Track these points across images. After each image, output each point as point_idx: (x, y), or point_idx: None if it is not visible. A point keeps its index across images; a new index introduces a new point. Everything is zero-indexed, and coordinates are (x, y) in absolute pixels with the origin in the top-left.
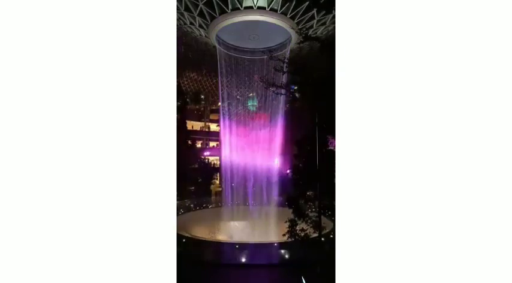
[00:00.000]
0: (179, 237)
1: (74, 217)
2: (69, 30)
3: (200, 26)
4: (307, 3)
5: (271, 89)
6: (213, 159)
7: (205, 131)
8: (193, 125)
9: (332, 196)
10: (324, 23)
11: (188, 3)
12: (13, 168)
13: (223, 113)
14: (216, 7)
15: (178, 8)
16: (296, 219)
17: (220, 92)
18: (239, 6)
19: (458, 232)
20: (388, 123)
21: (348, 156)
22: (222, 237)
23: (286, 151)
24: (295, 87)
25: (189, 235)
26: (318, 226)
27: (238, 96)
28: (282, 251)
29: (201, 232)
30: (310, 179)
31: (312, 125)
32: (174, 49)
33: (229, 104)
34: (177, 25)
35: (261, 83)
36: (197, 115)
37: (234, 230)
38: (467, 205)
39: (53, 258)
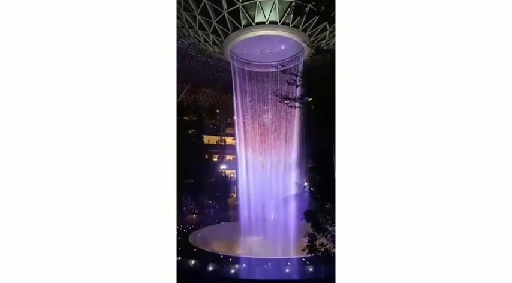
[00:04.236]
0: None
1: (76, 224)
2: (75, 42)
3: (214, 43)
4: (318, 16)
5: (285, 102)
6: (229, 173)
7: (221, 145)
8: (210, 139)
9: None
10: None
11: (202, 22)
12: (14, 170)
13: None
14: (228, 24)
15: (192, 26)
16: (315, 233)
17: (234, 106)
18: (251, 22)
19: (460, 235)
20: (389, 130)
21: (349, 164)
22: None
23: (302, 164)
24: (310, 99)
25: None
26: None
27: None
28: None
29: None
30: (328, 192)
31: (328, 136)
32: (174, 59)
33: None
34: (192, 43)
35: (275, 96)
36: (213, 129)
37: None
38: (469, 208)
39: (52, 264)
